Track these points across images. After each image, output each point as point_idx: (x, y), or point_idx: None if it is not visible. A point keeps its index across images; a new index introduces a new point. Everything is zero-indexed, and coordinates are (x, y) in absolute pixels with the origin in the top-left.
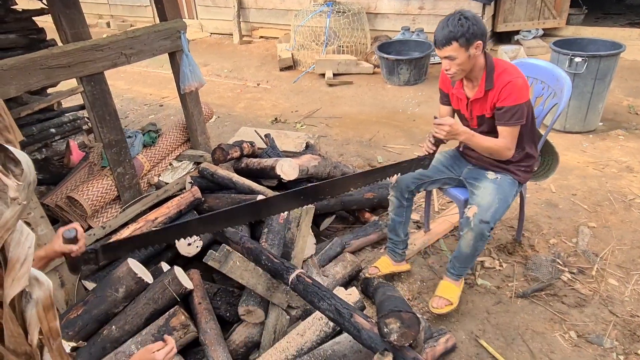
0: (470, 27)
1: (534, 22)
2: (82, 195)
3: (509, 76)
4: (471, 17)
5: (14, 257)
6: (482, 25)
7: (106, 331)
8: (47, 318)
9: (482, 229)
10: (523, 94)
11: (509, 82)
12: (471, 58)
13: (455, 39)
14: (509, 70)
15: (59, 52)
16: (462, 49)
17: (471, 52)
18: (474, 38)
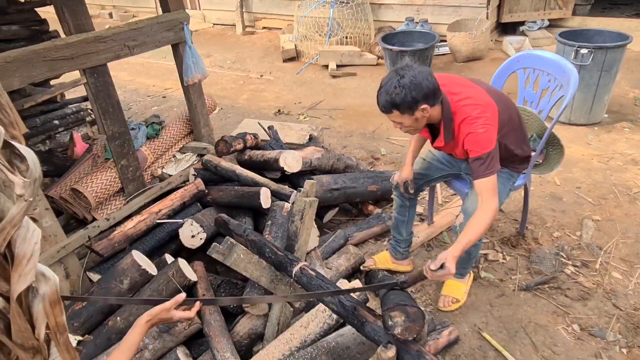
0: (408, 95)
1: (539, 12)
2: (86, 187)
3: (468, 127)
4: (409, 81)
5: (21, 253)
6: (425, 86)
7: (111, 322)
8: (54, 313)
9: None
10: (488, 141)
11: (468, 134)
12: (420, 119)
13: (394, 107)
14: (469, 119)
15: (62, 44)
16: (405, 115)
17: (417, 115)
18: (416, 104)
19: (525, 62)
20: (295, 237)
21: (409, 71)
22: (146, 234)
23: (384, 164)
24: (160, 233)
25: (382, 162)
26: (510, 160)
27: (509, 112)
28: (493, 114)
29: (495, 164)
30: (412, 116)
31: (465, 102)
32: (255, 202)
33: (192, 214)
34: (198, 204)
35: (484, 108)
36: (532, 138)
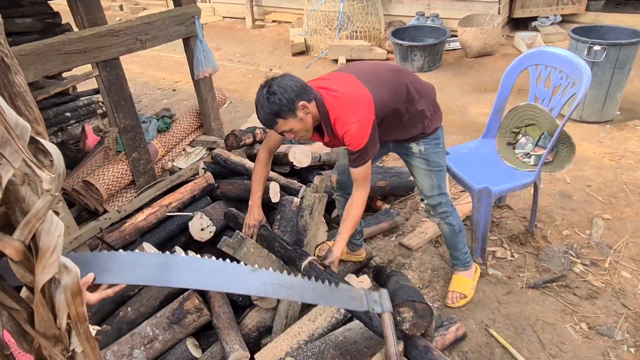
0: (283, 99)
1: (552, 8)
2: (98, 179)
3: (343, 125)
4: (276, 87)
5: (45, 245)
6: (292, 85)
7: (122, 313)
8: (75, 303)
9: (439, 210)
10: (362, 136)
11: (345, 133)
12: (305, 118)
13: (276, 116)
14: (342, 117)
15: (76, 37)
16: (289, 119)
17: (300, 115)
18: (293, 104)
19: (537, 59)
20: (304, 231)
21: (272, 81)
22: (157, 226)
23: (392, 160)
24: (170, 226)
25: (391, 157)
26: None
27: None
28: (366, 108)
29: (369, 154)
30: (296, 118)
31: (337, 101)
32: (265, 196)
33: (201, 207)
34: (208, 197)
35: (355, 104)
36: (543, 136)
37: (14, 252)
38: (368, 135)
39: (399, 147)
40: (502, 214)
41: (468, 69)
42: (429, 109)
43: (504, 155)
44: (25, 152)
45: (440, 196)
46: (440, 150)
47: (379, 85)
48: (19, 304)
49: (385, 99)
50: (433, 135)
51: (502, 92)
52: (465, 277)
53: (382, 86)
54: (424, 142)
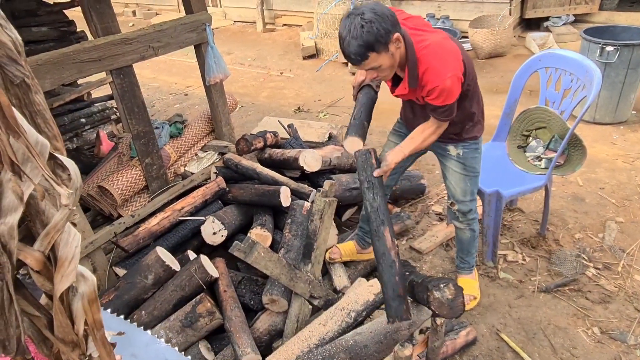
0: (380, 28)
1: (564, 7)
2: (113, 185)
3: (434, 77)
4: (372, 15)
5: (63, 255)
6: (388, 13)
7: (136, 316)
8: (92, 310)
9: (467, 216)
10: (453, 93)
11: (436, 87)
12: (395, 54)
13: (369, 49)
14: (434, 67)
15: (91, 46)
16: (382, 54)
17: (392, 49)
18: (389, 34)
19: (547, 62)
20: (315, 235)
21: (365, 7)
22: (169, 230)
23: None
24: (182, 230)
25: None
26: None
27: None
28: (459, 63)
29: (451, 115)
30: (389, 52)
31: (429, 50)
32: (275, 200)
33: (213, 211)
34: (219, 202)
35: (450, 57)
36: (554, 139)
37: (35, 262)
38: (459, 92)
39: (437, 146)
40: (513, 217)
41: (479, 71)
42: (479, 113)
43: (515, 159)
44: (44, 169)
45: (472, 202)
46: (478, 156)
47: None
48: (39, 311)
49: (468, 66)
50: (473, 141)
51: (511, 95)
52: (470, 278)
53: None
54: (463, 146)
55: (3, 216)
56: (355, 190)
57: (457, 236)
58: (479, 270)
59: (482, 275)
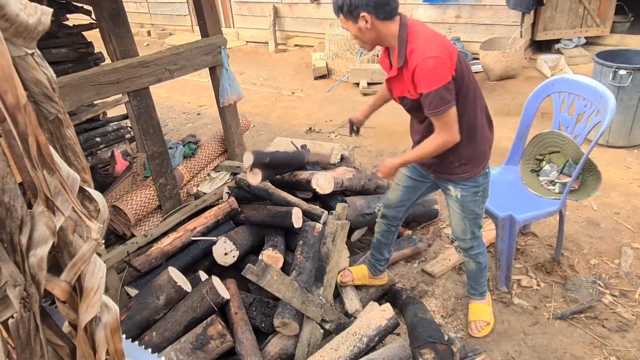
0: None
1: (575, 30)
2: (127, 204)
3: (418, 56)
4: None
5: (89, 286)
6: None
7: (147, 337)
8: (114, 340)
9: (470, 253)
10: (437, 76)
11: (416, 66)
12: (364, 31)
13: (339, 10)
14: (420, 47)
15: (109, 69)
16: (349, 21)
17: (360, 24)
18: (356, 9)
19: (560, 87)
20: (327, 258)
21: None
22: (181, 250)
23: None
24: (194, 250)
25: None
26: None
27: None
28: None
29: (443, 104)
30: (356, 25)
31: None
32: (287, 221)
33: (225, 231)
34: (231, 222)
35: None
36: (568, 163)
37: (61, 293)
38: (443, 79)
39: (439, 181)
40: (527, 242)
41: (490, 93)
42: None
43: (528, 183)
44: (75, 203)
45: (472, 240)
46: (478, 199)
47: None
48: (63, 340)
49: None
50: (471, 181)
51: (524, 119)
52: (483, 304)
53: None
54: (462, 188)
55: (34, 248)
56: (368, 215)
57: (465, 266)
58: (493, 296)
59: (496, 300)
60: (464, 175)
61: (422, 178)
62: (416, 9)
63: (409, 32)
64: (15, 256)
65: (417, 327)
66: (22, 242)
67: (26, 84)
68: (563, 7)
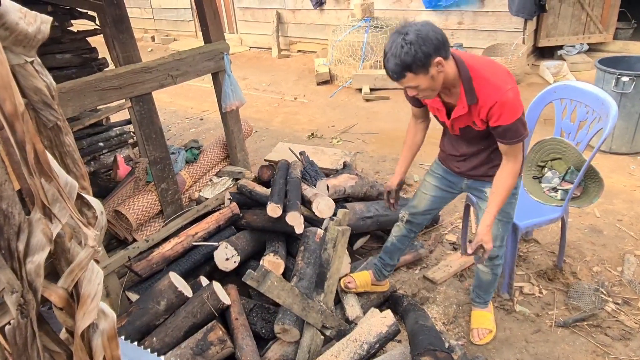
0: (418, 51)
1: (578, 36)
2: (129, 209)
3: (493, 92)
4: (415, 37)
5: (86, 293)
6: (433, 37)
7: (147, 342)
8: (111, 347)
9: (493, 262)
10: (517, 108)
11: (496, 103)
12: (436, 77)
13: (406, 69)
14: (490, 82)
15: (112, 74)
16: (419, 75)
17: (432, 72)
18: (429, 58)
19: (561, 93)
20: (328, 264)
21: (411, 27)
22: (183, 255)
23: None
24: (195, 255)
25: (415, 188)
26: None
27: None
28: (512, 77)
29: (524, 131)
30: (427, 75)
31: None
32: (288, 227)
33: (226, 237)
34: (233, 228)
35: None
36: (570, 170)
37: (58, 299)
38: (520, 108)
39: (472, 187)
40: (529, 249)
41: None
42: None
43: (530, 189)
44: (72, 210)
45: (500, 248)
46: (514, 201)
47: None
48: (60, 347)
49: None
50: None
51: None
52: (486, 311)
53: None
54: None
55: (31, 255)
56: (368, 219)
57: (478, 276)
58: (494, 303)
59: (498, 307)
60: None
61: (450, 188)
62: (419, 15)
63: (469, 68)
64: (13, 263)
65: (418, 334)
66: (19, 248)
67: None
68: (565, 14)
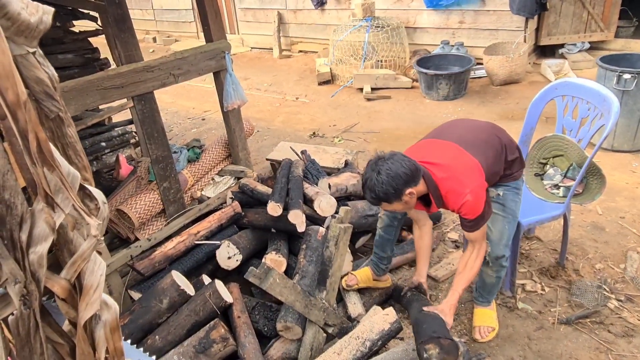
0: (390, 188)
1: (579, 35)
2: (131, 208)
3: (457, 198)
4: (385, 176)
5: (89, 284)
6: (402, 174)
7: (150, 341)
8: (113, 338)
9: (499, 262)
10: (477, 207)
11: (462, 205)
12: (410, 201)
13: (382, 200)
14: (455, 190)
15: (114, 74)
16: (394, 203)
17: (405, 199)
18: (400, 193)
19: (563, 90)
20: (330, 262)
21: (382, 165)
22: (185, 254)
23: None
24: (198, 254)
25: None
26: (506, 174)
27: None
28: (477, 176)
29: (485, 219)
30: (401, 202)
31: (446, 174)
32: (290, 225)
33: (228, 235)
34: (235, 226)
35: (466, 175)
36: (572, 167)
37: (61, 290)
38: (483, 202)
39: None
40: (531, 246)
41: (494, 97)
42: (515, 157)
43: (532, 187)
44: (75, 200)
45: (506, 248)
46: (518, 200)
47: (483, 149)
48: (63, 338)
49: (490, 162)
50: (513, 182)
51: (528, 123)
52: (488, 309)
53: (486, 150)
54: (504, 187)
55: (34, 245)
56: (370, 217)
57: (482, 277)
58: (497, 300)
59: (500, 305)
60: (509, 173)
61: None
62: (420, 14)
63: (434, 179)
64: (16, 253)
65: (422, 322)
66: (22, 239)
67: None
68: (567, 12)
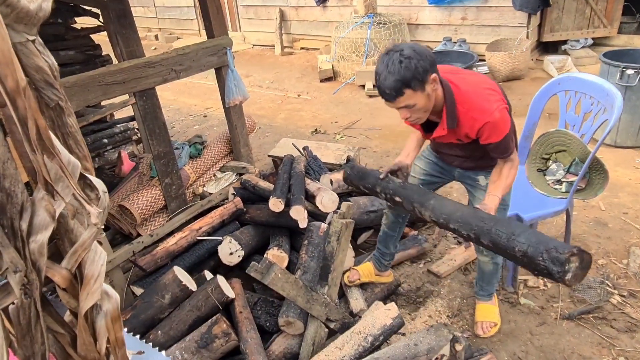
0: (418, 66)
1: (582, 31)
2: (133, 204)
3: (483, 114)
4: (411, 51)
5: (89, 273)
6: (428, 53)
7: (152, 336)
8: (114, 328)
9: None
10: (505, 126)
11: (485, 124)
12: (431, 95)
13: (406, 86)
14: (479, 104)
15: (115, 69)
16: (417, 92)
17: (428, 90)
18: (427, 74)
19: (566, 85)
20: (332, 257)
21: (404, 44)
22: (187, 250)
23: None
24: (200, 250)
25: None
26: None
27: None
28: (501, 96)
29: (512, 144)
30: (424, 92)
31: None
32: (292, 221)
33: (230, 231)
34: (237, 222)
35: (491, 92)
36: (575, 162)
37: (62, 280)
38: (508, 123)
39: (465, 176)
40: None
41: None
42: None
43: (534, 182)
44: (75, 188)
45: None
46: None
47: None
48: (64, 328)
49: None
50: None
51: (530, 118)
52: (490, 304)
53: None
54: None
55: (34, 234)
56: (372, 213)
57: (479, 267)
58: (499, 296)
59: (502, 300)
60: None
61: (441, 174)
62: (422, 10)
63: (454, 92)
64: (16, 242)
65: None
66: (22, 227)
67: (27, 71)
68: (570, 8)
